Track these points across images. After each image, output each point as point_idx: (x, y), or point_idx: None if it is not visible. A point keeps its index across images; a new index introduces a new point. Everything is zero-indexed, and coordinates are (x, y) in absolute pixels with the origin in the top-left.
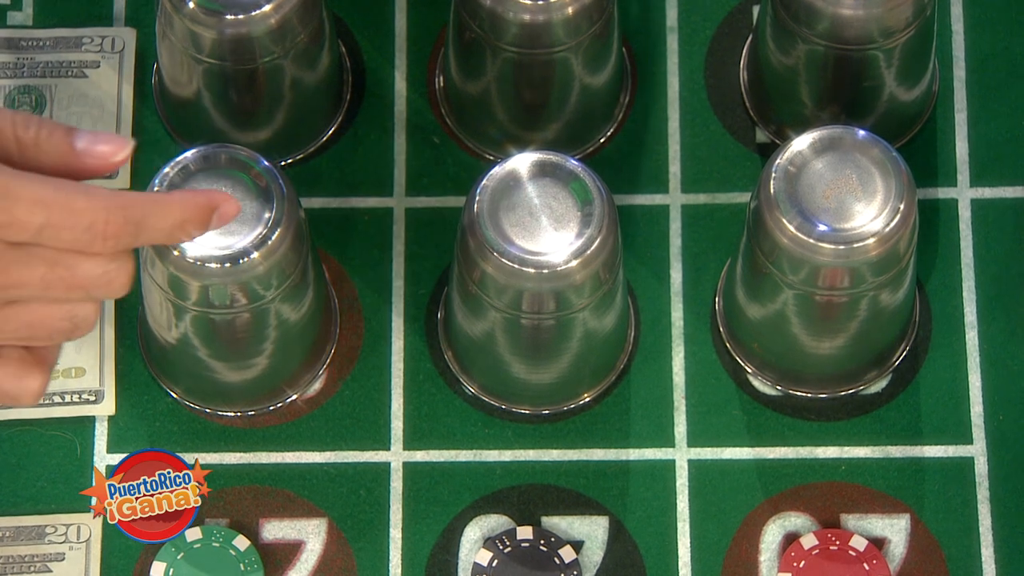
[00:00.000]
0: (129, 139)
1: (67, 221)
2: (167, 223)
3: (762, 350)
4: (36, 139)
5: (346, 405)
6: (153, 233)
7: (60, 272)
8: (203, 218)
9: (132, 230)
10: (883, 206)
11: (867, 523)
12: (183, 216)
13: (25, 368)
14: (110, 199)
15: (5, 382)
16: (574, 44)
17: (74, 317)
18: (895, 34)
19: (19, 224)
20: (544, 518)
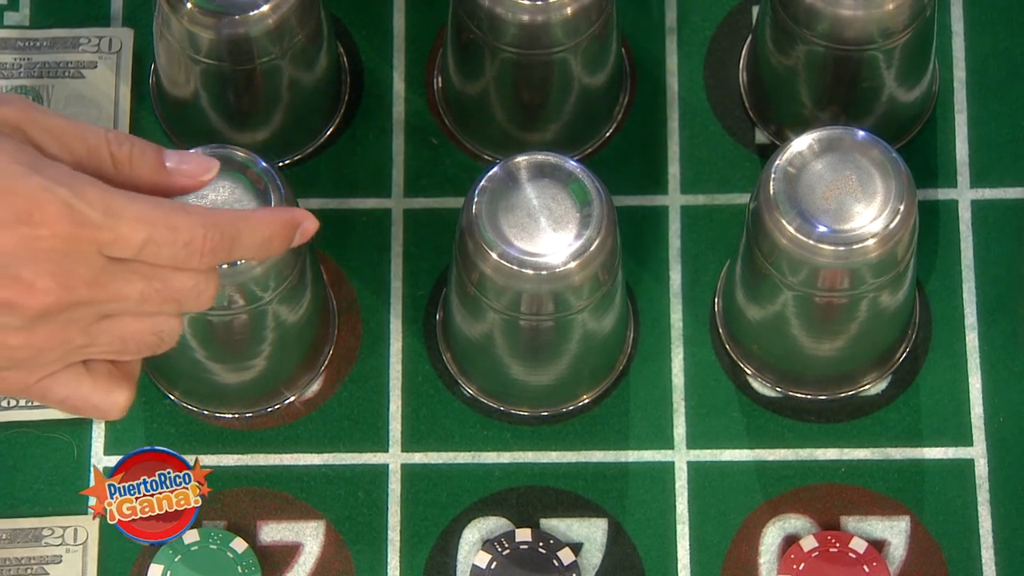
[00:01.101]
0: (213, 160)
1: (168, 238)
2: (256, 239)
3: (762, 351)
4: (129, 157)
5: (344, 407)
6: (244, 249)
7: (156, 286)
8: (287, 234)
9: (227, 246)
10: (883, 207)
11: (867, 525)
12: (270, 232)
13: (113, 382)
14: (206, 216)
15: (94, 396)
16: (573, 45)
17: (161, 332)
18: (895, 35)
19: (123, 241)
20: (543, 520)
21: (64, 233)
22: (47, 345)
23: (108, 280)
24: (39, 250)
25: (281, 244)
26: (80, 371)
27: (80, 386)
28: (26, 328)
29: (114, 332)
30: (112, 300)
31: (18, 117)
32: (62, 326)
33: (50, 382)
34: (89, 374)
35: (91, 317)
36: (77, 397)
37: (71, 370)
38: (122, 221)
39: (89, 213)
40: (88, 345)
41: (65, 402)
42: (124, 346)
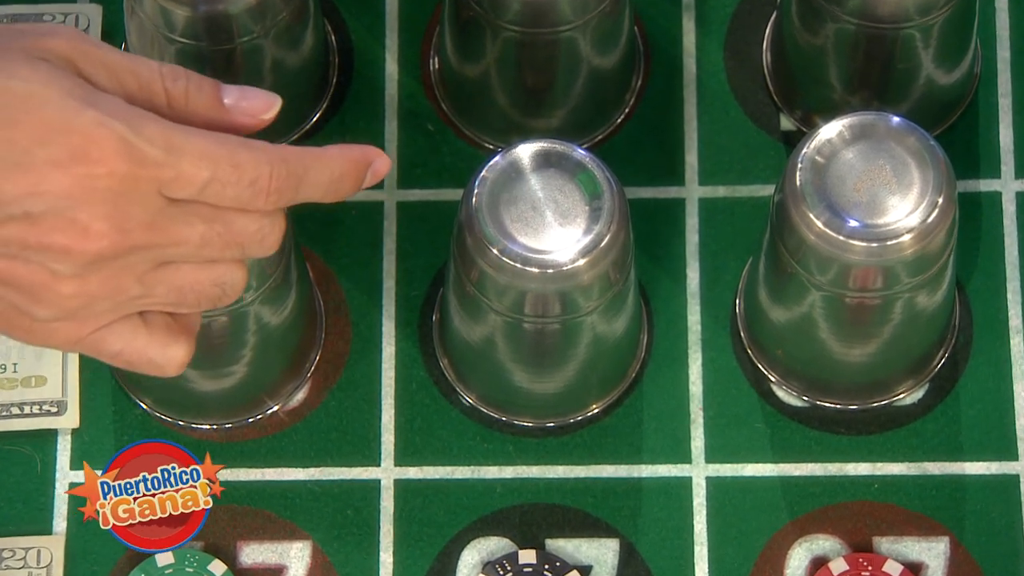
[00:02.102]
0: (275, 96)
1: (232, 176)
2: (325, 177)
3: (787, 357)
4: (185, 92)
5: (332, 417)
6: (312, 189)
7: (218, 229)
8: (359, 173)
9: (294, 184)
10: (920, 200)
11: (902, 547)
12: (341, 170)
13: (171, 335)
14: (272, 153)
15: (150, 349)
16: (581, 23)
17: (224, 283)
18: (933, 11)
19: (184, 179)
20: (548, 540)
21: (122, 171)
22: (101, 294)
23: (166, 223)
24: (95, 190)
25: (352, 184)
26: (136, 323)
27: (136, 338)
28: (79, 275)
29: (172, 281)
30: (170, 245)
31: (69, 49)
32: (117, 273)
33: (104, 334)
34: (146, 326)
35: (148, 264)
36: (132, 350)
37: (126, 321)
38: (184, 158)
39: (148, 149)
40: (144, 295)
41: (119, 356)
42: (182, 297)
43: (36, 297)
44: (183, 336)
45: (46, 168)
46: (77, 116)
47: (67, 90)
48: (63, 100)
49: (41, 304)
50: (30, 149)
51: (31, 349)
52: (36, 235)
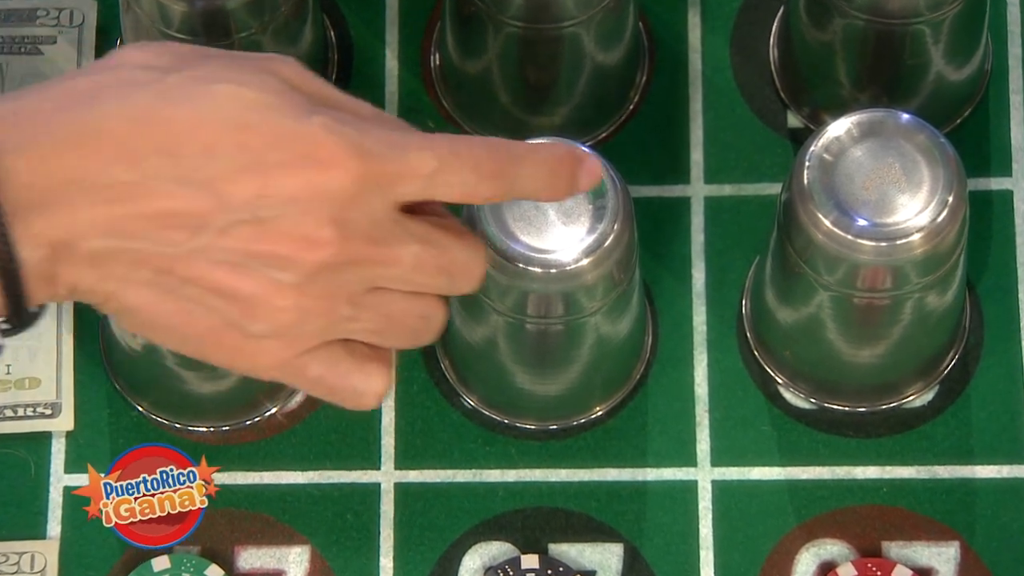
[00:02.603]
0: None
1: (455, 163)
2: (542, 169)
3: (794, 358)
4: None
5: (331, 419)
6: (530, 180)
7: (432, 252)
8: (572, 168)
9: (513, 171)
10: (930, 198)
11: (912, 551)
12: (555, 162)
13: (373, 364)
14: (485, 138)
15: (353, 376)
16: (585, 18)
17: (428, 317)
18: (943, 6)
19: (413, 172)
20: (551, 545)
21: (351, 172)
22: (314, 311)
23: (386, 237)
24: (323, 193)
25: (567, 181)
26: (339, 349)
27: (339, 364)
28: (299, 287)
29: (381, 308)
30: (386, 263)
31: (293, 74)
32: (332, 290)
33: (309, 358)
34: (348, 353)
35: (361, 285)
36: (335, 375)
37: (330, 347)
38: (409, 152)
39: (376, 148)
40: (353, 319)
41: (321, 381)
42: (388, 326)
43: (252, 310)
44: (384, 366)
45: (276, 171)
46: (306, 122)
47: (295, 100)
48: (292, 108)
49: (256, 318)
50: (260, 153)
51: (24, 351)
52: (262, 242)
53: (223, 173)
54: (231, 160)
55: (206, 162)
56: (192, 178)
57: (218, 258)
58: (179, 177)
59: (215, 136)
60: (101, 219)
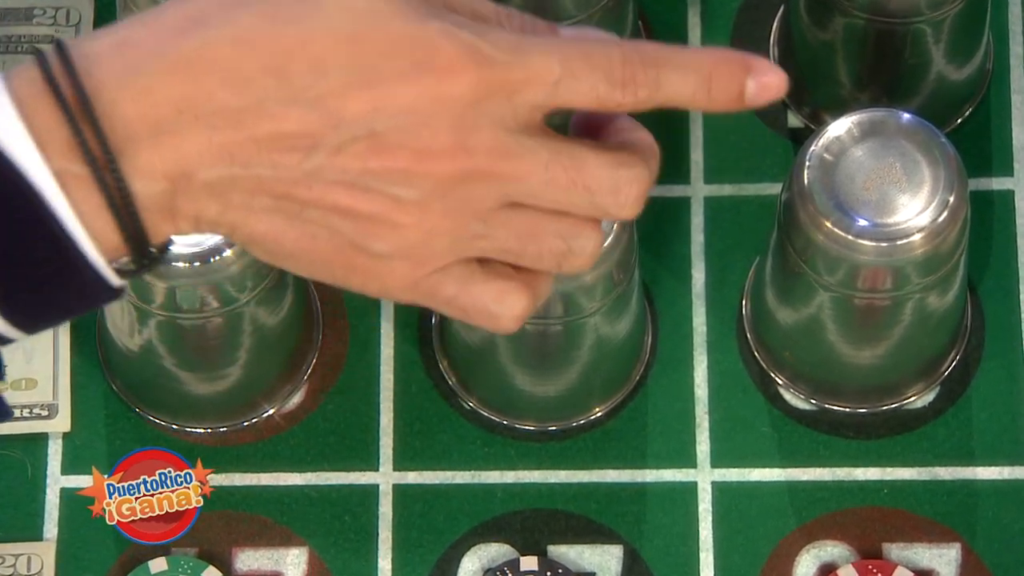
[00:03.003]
0: None
1: (583, 67)
2: (692, 73)
3: (794, 359)
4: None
5: (329, 421)
6: (677, 85)
7: (565, 163)
8: (735, 76)
9: (653, 75)
10: (930, 198)
11: (912, 553)
12: (711, 68)
13: (510, 284)
14: (621, 41)
15: (486, 295)
16: (584, 17)
17: (569, 238)
18: (944, 5)
19: (536, 78)
20: (551, 547)
21: (471, 78)
22: (441, 227)
23: (512, 147)
24: (442, 102)
25: (728, 89)
26: (474, 267)
27: (473, 283)
28: (421, 202)
29: (514, 224)
30: (514, 177)
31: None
32: (459, 205)
33: (441, 276)
34: (483, 271)
35: (490, 200)
36: (468, 296)
37: (464, 265)
38: (532, 55)
39: (496, 53)
40: (483, 235)
41: (454, 300)
42: (524, 244)
43: (374, 229)
44: (524, 289)
45: (389, 82)
46: (421, 27)
47: (408, 5)
48: (405, 13)
49: (378, 238)
50: (374, 63)
51: (21, 352)
52: (379, 157)
53: (334, 89)
54: (342, 75)
55: (316, 79)
56: (302, 97)
57: (335, 178)
58: (288, 97)
59: (324, 51)
60: (213, 147)
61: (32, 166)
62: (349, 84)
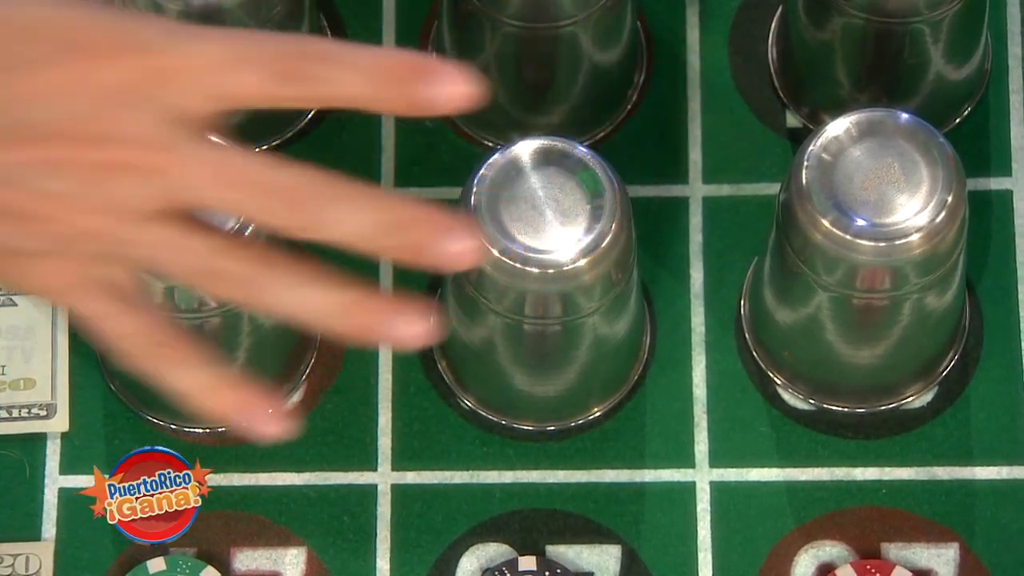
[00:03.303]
0: None
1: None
2: (356, 75)
3: (793, 359)
4: None
5: (328, 420)
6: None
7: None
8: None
9: (316, 71)
10: (929, 198)
11: (911, 553)
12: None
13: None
14: (292, 37)
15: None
16: (583, 17)
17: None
18: (942, 5)
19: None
20: (549, 547)
21: (123, 63)
22: (89, 225)
23: (165, 140)
24: (91, 87)
25: (399, 93)
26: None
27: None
28: (71, 196)
29: (160, 234)
30: (163, 170)
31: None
32: (110, 201)
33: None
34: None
35: (142, 196)
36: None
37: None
38: (189, 43)
39: (149, 37)
40: (132, 241)
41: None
42: (171, 256)
43: (26, 225)
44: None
45: (31, 66)
46: (63, 11)
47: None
48: (52, 5)
49: (30, 234)
50: (11, 48)
51: (19, 351)
52: (24, 147)
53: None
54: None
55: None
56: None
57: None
58: None
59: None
60: None
61: None
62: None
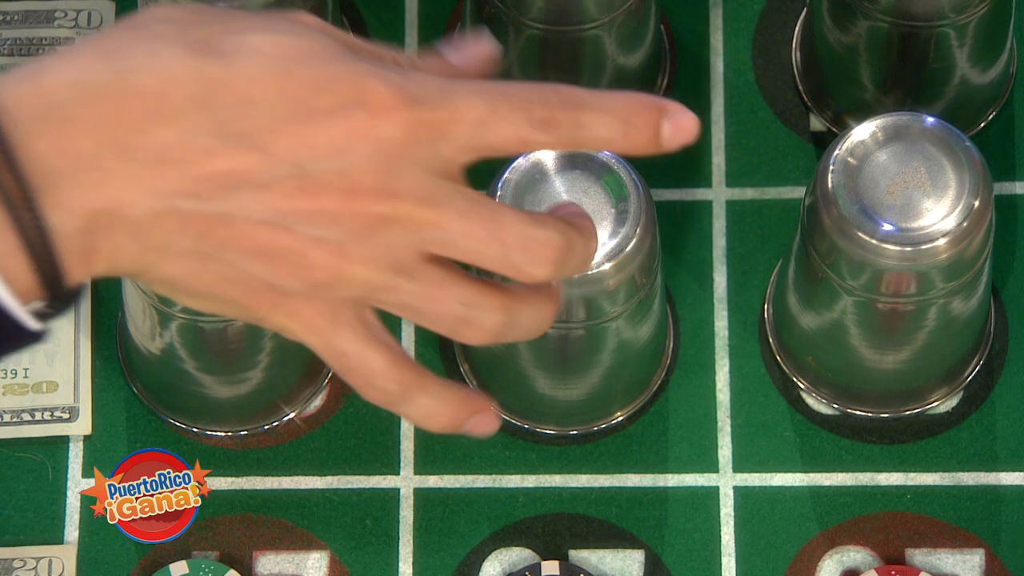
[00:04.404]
0: None
1: (505, 108)
2: (609, 116)
3: (817, 364)
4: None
5: (350, 424)
6: (596, 127)
7: (482, 212)
8: (653, 121)
9: (572, 117)
10: (955, 203)
11: (936, 559)
12: (628, 111)
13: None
14: (544, 84)
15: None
16: (607, 20)
17: (473, 306)
18: (969, 8)
19: (463, 118)
20: (572, 552)
21: (402, 118)
22: (352, 275)
23: (433, 192)
24: (372, 141)
25: (648, 133)
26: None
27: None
28: (341, 245)
29: (422, 280)
30: (433, 224)
31: (318, 24)
32: (376, 252)
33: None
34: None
35: (408, 247)
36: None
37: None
38: (456, 97)
39: (422, 93)
40: (392, 288)
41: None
42: (425, 304)
43: (288, 269)
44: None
45: (322, 118)
46: (350, 67)
47: (335, 46)
48: (334, 54)
49: (292, 276)
50: (304, 100)
51: (42, 354)
52: (307, 197)
53: (265, 124)
54: (273, 109)
55: (245, 113)
56: (230, 131)
57: (258, 217)
58: (217, 131)
59: (252, 85)
60: (137, 182)
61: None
62: (278, 120)
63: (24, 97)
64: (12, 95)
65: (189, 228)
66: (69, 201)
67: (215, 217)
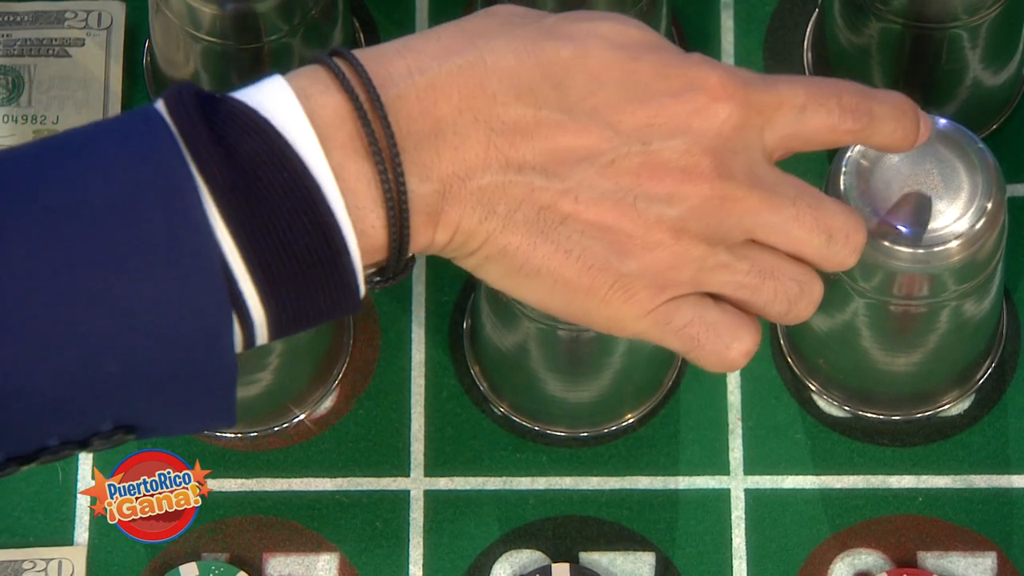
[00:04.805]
0: None
1: (820, 96)
2: (891, 111)
3: (828, 366)
4: None
5: (360, 426)
6: (883, 122)
7: (809, 200)
8: (913, 116)
9: (867, 108)
10: (968, 205)
11: (948, 562)
12: (902, 108)
13: (741, 320)
14: (835, 79)
15: (722, 327)
16: None
17: (803, 282)
18: (981, 10)
19: (788, 103)
20: (583, 554)
21: (738, 101)
22: (691, 252)
23: (763, 178)
24: (711, 122)
25: (913, 132)
26: (707, 299)
27: (708, 312)
28: (679, 224)
29: (759, 260)
30: (765, 208)
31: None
32: (712, 231)
33: (677, 304)
34: (717, 305)
35: (740, 229)
36: (703, 323)
37: (699, 297)
38: (780, 84)
39: (752, 79)
40: (728, 266)
41: (685, 329)
42: (762, 281)
43: (629, 247)
44: (752, 326)
45: (665, 100)
46: (686, 56)
47: (666, 40)
48: (668, 44)
49: (633, 255)
50: (648, 82)
51: None
52: (648, 173)
53: (611, 102)
54: (619, 89)
55: (593, 91)
56: (580, 108)
57: (602, 191)
58: (568, 107)
59: (601, 66)
60: (491, 150)
61: (314, 159)
62: (625, 99)
63: (390, 61)
64: (380, 58)
65: (534, 199)
66: (426, 163)
67: (561, 191)
